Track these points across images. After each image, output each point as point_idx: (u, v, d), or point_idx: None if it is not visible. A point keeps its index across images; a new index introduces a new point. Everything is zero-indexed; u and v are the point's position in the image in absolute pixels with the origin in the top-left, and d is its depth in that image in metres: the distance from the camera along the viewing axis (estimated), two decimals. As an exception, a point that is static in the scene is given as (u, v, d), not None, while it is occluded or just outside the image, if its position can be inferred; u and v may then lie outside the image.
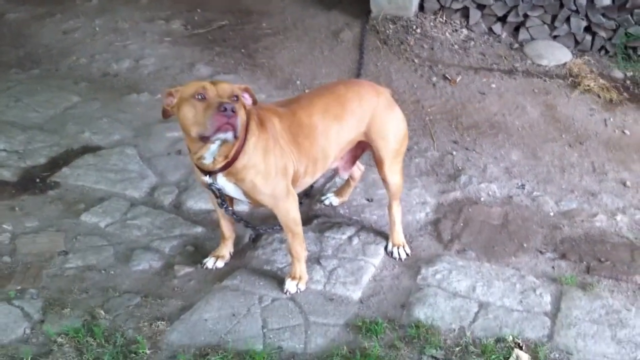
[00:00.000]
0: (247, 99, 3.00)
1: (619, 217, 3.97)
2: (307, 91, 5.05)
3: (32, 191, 4.08)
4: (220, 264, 3.50)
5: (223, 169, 3.01)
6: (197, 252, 3.62)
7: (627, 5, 5.43)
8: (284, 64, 5.67)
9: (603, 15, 5.50)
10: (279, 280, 3.37)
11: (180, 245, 3.66)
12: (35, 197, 4.03)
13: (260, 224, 3.66)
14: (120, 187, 4.12)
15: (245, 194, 3.12)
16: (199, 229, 3.79)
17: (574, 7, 5.55)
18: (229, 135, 2.77)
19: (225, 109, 2.71)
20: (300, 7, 6.57)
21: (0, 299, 3.21)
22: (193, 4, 6.76)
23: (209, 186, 3.11)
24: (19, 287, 3.30)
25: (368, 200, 4.06)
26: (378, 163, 3.49)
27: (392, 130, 3.43)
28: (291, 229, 3.24)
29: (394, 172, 3.50)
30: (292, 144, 3.18)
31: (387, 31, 5.92)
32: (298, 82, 5.39)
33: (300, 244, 3.29)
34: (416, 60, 5.60)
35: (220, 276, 3.43)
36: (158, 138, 4.64)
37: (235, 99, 2.85)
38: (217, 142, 2.84)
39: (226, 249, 3.53)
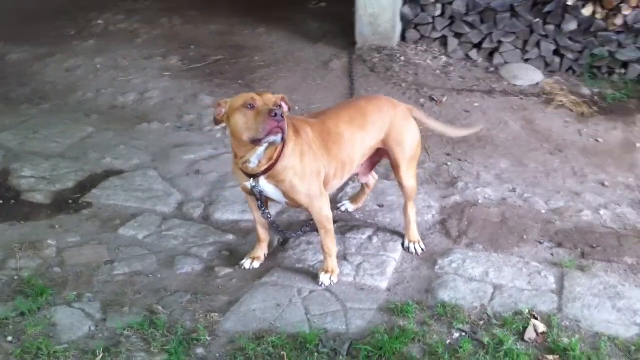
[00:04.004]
0: (284, 107, 3.40)
1: (602, 212, 4.45)
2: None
3: (67, 211, 4.38)
4: (256, 264, 3.84)
5: (265, 172, 3.38)
6: (233, 256, 3.95)
7: (592, 29, 6.03)
8: (281, 92, 5.98)
9: (570, 38, 6.09)
10: (312, 275, 3.73)
11: (216, 250, 4.00)
12: (71, 216, 4.33)
13: (285, 229, 4.01)
14: (150, 204, 4.44)
15: (285, 194, 3.49)
16: (230, 237, 4.13)
17: (543, 33, 6.13)
18: (279, 137, 3.15)
19: (276, 114, 3.11)
20: (287, 41, 7.06)
21: (60, 303, 3.49)
22: (186, 41, 7.19)
23: (252, 189, 3.47)
24: (75, 293, 3.58)
25: (379, 206, 4.46)
26: (395, 168, 3.89)
27: (408, 138, 3.85)
28: (324, 226, 3.61)
29: (409, 177, 3.91)
30: (323, 150, 3.57)
31: (373, 60, 6.41)
32: (297, 108, 5.78)
33: (331, 240, 3.66)
34: (403, 85, 6.09)
35: (258, 275, 3.77)
36: (176, 161, 4.99)
37: (279, 106, 3.24)
38: (265, 145, 3.22)
39: (261, 251, 3.88)
